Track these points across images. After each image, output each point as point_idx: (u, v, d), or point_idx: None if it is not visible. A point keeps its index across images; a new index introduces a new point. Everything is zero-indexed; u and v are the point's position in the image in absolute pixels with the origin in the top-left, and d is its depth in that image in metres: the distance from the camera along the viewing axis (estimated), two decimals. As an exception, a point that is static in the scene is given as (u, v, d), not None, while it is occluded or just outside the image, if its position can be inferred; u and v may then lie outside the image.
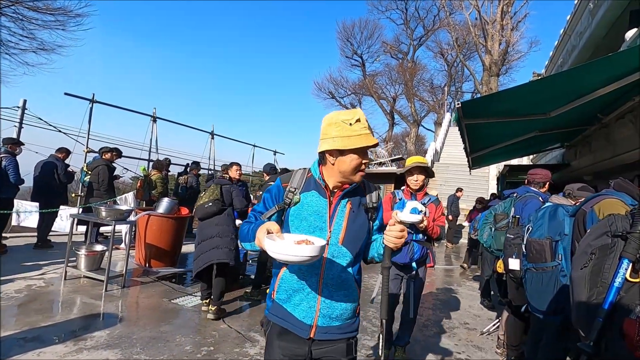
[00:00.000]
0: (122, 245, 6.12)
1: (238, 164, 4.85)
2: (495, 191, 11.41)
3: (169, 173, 8.21)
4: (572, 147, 8.28)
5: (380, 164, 19.76)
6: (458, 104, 4.09)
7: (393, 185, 15.52)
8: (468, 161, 7.98)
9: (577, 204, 2.03)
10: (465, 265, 7.75)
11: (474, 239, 6.05)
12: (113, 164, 6.45)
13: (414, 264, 2.84)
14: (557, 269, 2.15)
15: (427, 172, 2.89)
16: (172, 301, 4.01)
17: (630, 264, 0.94)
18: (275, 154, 14.38)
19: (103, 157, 6.31)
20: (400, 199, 2.96)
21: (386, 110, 29.04)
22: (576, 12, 9.52)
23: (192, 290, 4.45)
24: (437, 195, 2.99)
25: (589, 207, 1.86)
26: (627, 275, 0.94)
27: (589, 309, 0.99)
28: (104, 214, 4.22)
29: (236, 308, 4.03)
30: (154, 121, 9.15)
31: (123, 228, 5.93)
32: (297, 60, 63.94)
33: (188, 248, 6.75)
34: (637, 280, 0.93)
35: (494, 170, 14.27)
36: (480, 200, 8.50)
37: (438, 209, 2.90)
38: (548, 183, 3.13)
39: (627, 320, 0.90)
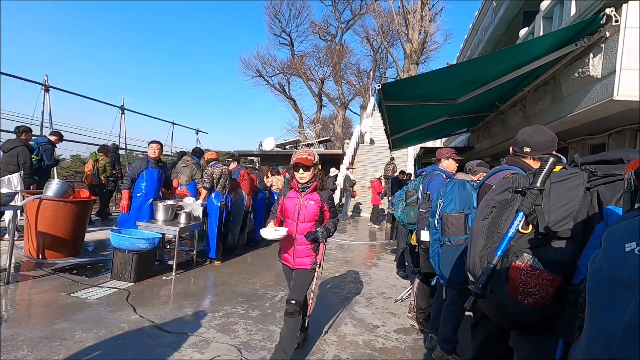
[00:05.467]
0: (7, 236, 5.21)
1: (157, 142, 4.41)
2: (412, 171, 12.32)
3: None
4: (476, 132, 9.26)
5: (309, 145, 19.94)
6: (379, 85, 4.24)
7: (320, 166, 15.86)
8: (389, 142, 8.44)
9: (479, 179, 2.25)
10: (370, 223, 10.14)
11: (392, 214, 6.50)
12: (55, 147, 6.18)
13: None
14: (467, 241, 2.36)
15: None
16: (71, 295, 3.55)
17: (524, 217, 1.05)
18: (197, 133, 13.51)
19: (21, 137, 5.62)
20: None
21: (314, 91, 29.16)
22: (482, 8, 10.50)
23: (97, 281, 4.00)
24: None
25: (493, 181, 2.06)
26: (520, 227, 1.05)
27: (483, 256, 1.10)
28: (-25, 198, 3.50)
29: (151, 297, 3.73)
30: (46, 91, 7.82)
31: (7, 215, 5.04)
32: (221, 31, 60.10)
33: (94, 235, 6.05)
34: (527, 231, 1.05)
35: (412, 152, 15.38)
36: (402, 172, 9.54)
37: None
38: (456, 165, 3.42)
39: (512, 265, 1.01)
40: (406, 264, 5.49)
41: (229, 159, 5.54)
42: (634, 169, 0.63)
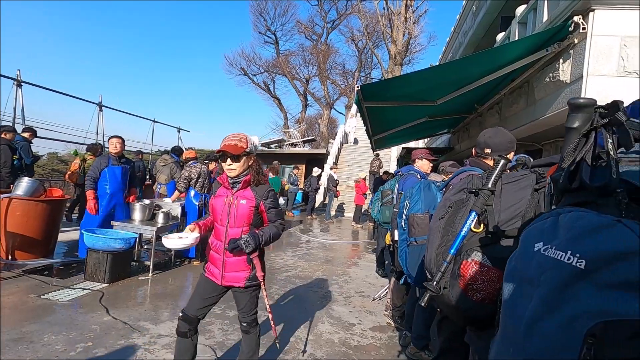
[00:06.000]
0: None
1: (117, 137, 4.30)
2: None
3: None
4: (456, 133, 9.46)
5: (293, 145, 19.92)
6: (358, 86, 4.28)
7: (304, 165, 15.85)
8: (371, 143, 8.52)
9: (445, 180, 2.32)
10: (353, 223, 10.41)
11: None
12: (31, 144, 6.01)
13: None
14: None
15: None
16: (42, 297, 3.46)
17: (476, 216, 1.09)
18: (179, 131, 13.30)
19: (3, 136, 5.42)
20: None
21: (299, 91, 29.13)
22: (463, 12, 10.72)
23: (69, 283, 3.90)
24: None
25: (456, 182, 2.13)
26: (472, 226, 1.09)
27: (438, 254, 1.14)
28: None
29: (126, 298, 3.67)
30: (19, 86, 7.56)
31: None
32: (205, 28, 59.26)
33: (68, 235, 5.89)
34: (479, 230, 1.09)
35: (395, 152, 15.56)
36: (386, 172, 9.65)
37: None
38: (431, 166, 3.50)
39: (463, 263, 1.06)
40: (386, 262, 5.56)
41: (206, 161, 5.47)
42: (551, 173, 0.67)
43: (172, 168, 6.41)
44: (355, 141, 19.12)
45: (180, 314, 2.12)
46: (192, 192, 5.13)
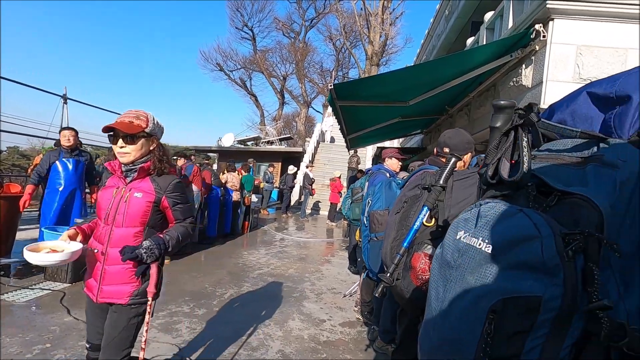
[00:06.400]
0: None
1: (70, 129, 4.11)
2: (369, 170, 12.70)
3: None
4: (428, 134, 9.71)
5: (270, 142, 19.79)
6: (331, 85, 4.32)
7: (280, 163, 15.78)
8: (346, 142, 8.60)
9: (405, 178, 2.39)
10: (328, 221, 10.51)
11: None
12: None
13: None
14: None
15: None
16: (-4, 298, 3.28)
17: (428, 211, 1.15)
18: (151, 127, 12.85)
19: None
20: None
21: (277, 88, 28.94)
22: (437, 16, 11.00)
23: (28, 283, 3.72)
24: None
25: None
26: (424, 220, 1.14)
27: (393, 247, 1.19)
28: None
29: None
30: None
31: None
32: (179, 20, 57.65)
33: (28, 234, 5.61)
34: (431, 224, 1.14)
35: (370, 151, 15.77)
36: (361, 171, 9.78)
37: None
38: (400, 164, 3.59)
39: (414, 255, 1.11)
40: (358, 260, 5.65)
41: (174, 157, 5.34)
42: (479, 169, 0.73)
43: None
44: (332, 140, 19.23)
45: (87, 345, 1.72)
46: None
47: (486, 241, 0.50)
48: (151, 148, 1.64)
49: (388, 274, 1.10)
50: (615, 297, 0.45)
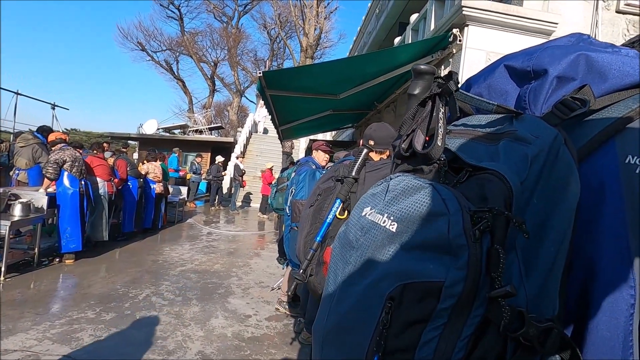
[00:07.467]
0: None
1: None
2: (302, 163, 12.72)
3: None
4: (359, 128, 10.03)
5: (198, 131, 18.71)
6: (260, 73, 4.16)
7: (210, 154, 14.98)
8: (278, 133, 8.47)
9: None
10: (259, 213, 10.47)
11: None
12: None
13: None
14: None
15: None
16: None
17: (341, 204, 1.11)
18: (54, 108, 11.20)
19: None
20: None
21: (207, 74, 27.39)
22: (368, 14, 11.34)
23: None
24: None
25: None
26: (337, 213, 1.11)
27: (306, 242, 1.13)
28: None
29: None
30: None
31: None
32: (96, -6, 51.10)
33: None
34: (344, 217, 1.11)
35: (303, 144, 15.82)
36: (291, 161, 9.70)
37: None
38: (327, 156, 3.60)
39: (327, 249, 1.07)
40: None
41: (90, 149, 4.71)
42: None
43: (35, 150, 5.33)
44: (265, 131, 18.87)
45: None
46: (66, 178, 4.32)
47: (391, 218, 0.45)
48: None
49: (301, 270, 1.05)
50: (518, 282, 0.42)
